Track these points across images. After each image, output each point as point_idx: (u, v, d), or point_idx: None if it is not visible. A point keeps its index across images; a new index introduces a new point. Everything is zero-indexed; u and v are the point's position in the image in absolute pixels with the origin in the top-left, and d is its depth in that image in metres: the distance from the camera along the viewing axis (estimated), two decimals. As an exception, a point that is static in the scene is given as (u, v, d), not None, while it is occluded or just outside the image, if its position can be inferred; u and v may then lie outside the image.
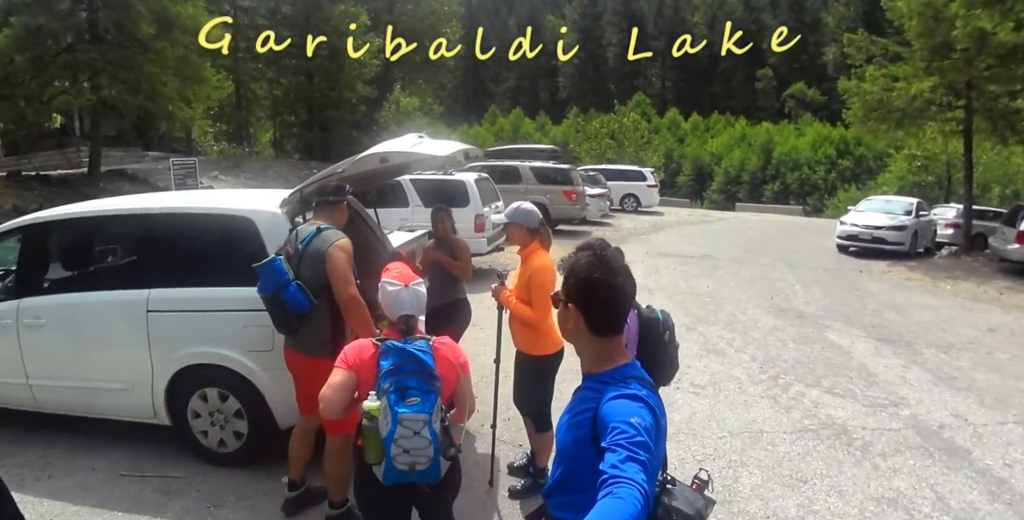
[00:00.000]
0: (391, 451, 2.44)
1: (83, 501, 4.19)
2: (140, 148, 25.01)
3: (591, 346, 1.88)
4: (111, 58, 14.64)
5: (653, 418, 1.68)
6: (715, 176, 49.80)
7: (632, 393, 1.72)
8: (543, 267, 3.98)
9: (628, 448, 1.52)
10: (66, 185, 15.47)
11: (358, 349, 2.63)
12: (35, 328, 4.73)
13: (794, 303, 10.32)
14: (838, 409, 5.89)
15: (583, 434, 1.76)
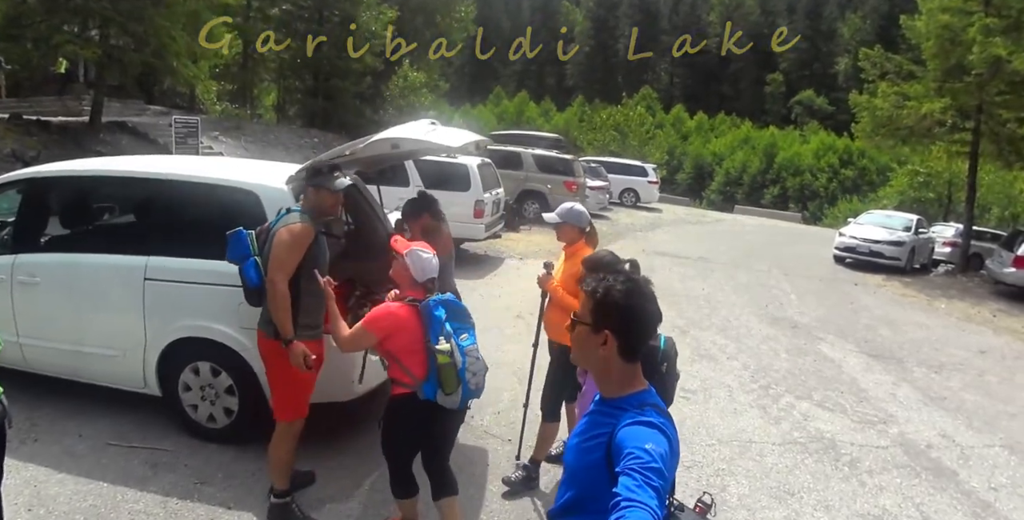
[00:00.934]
0: (466, 378, 3.17)
1: (68, 469, 4.13)
2: (143, 101, 24.58)
3: (617, 371, 1.88)
4: (121, 8, 14.33)
5: (668, 445, 1.69)
6: (715, 176, 49.80)
7: (649, 420, 1.74)
8: None
9: (642, 473, 1.54)
10: (66, 133, 15.20)
11: (397, 316, 3.23)
12: (29, 286, 4.64)
13: (788, 312, 10.32)
14: (827, 423, 5.91)
15: (597, 458, 1.77)
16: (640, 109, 40.65)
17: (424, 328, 3.20)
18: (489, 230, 11.91)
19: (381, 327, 3.19)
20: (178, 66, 15.81)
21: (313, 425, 4.56)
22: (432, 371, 3.16)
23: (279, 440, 3.71)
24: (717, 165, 50.65)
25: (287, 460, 3.74)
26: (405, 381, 3.23)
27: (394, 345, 3.22)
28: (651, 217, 23.03)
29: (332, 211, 3.86)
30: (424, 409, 3.24)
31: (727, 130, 59.39)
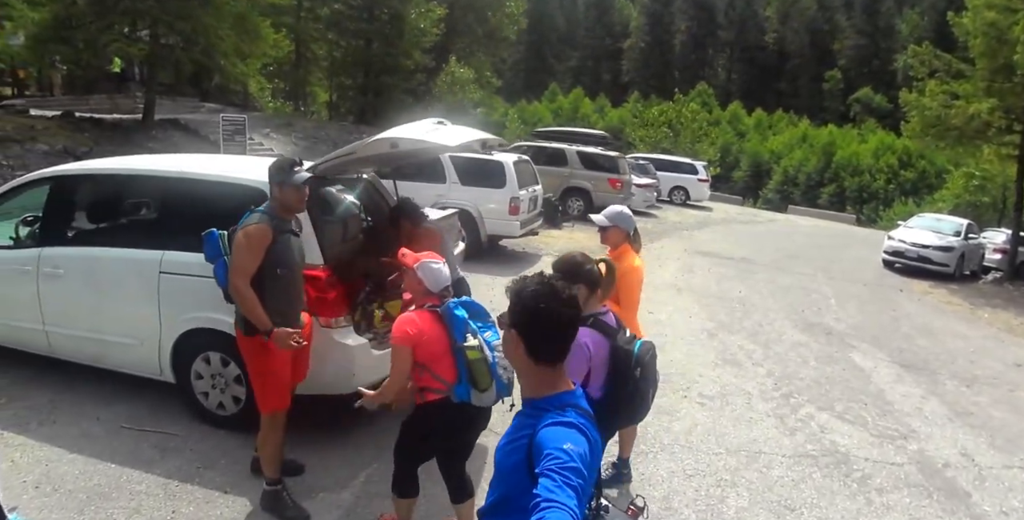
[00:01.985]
0: (497, 372, 3.17)
1: (81, 450, 4.34)
2: (197, 98, 25.34)
3: (530, 372, 1.90)
4: (170, 8, 14.79)
5: (588, 445, 1.72)
6: (773, 175, 48.67)
7: (568, 421, 1.75)
8: (634, 269, 4.23)
9: (561, 473, 1.57)
10: (118, 130, 15.76)
11: (417, 322, 3.21)
12: (54, 277, 4.88)
13: (825, 318, 10.06)
14: (845, 436, 5.75)
15: (519, 459, 1.79)
16: (693, 105, 39.96)
17: (448, 330, 3.22)
18: (525, 227, 11.91)
19: (410, 337, 3.16)
20: (226, 64, 16.21)
21: (311, 418, 4.71)
22: (463, 371, 3.17)
23: (265, 431, 3.83)
24: (775, 163, 49.45)
25: (275, 450, 3.85)
26: (436, 387, 3.24)
27: (422, 354, 3.19)
28: (700, 216, 22.67)
29: (298, 206, 3.83)
30: (457, 413, 3.26)
31: (785, 128, 57.90)
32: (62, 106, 17.99)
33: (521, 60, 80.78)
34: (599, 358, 3.13)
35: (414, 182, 10.67)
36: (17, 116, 14.51)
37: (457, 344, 3.17)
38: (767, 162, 50.69)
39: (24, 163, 11.98)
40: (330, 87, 33.07)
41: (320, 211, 4.93)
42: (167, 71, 17.06)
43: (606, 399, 3.14)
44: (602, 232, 4.36)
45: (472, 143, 4.61)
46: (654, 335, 7.50)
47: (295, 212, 3.88)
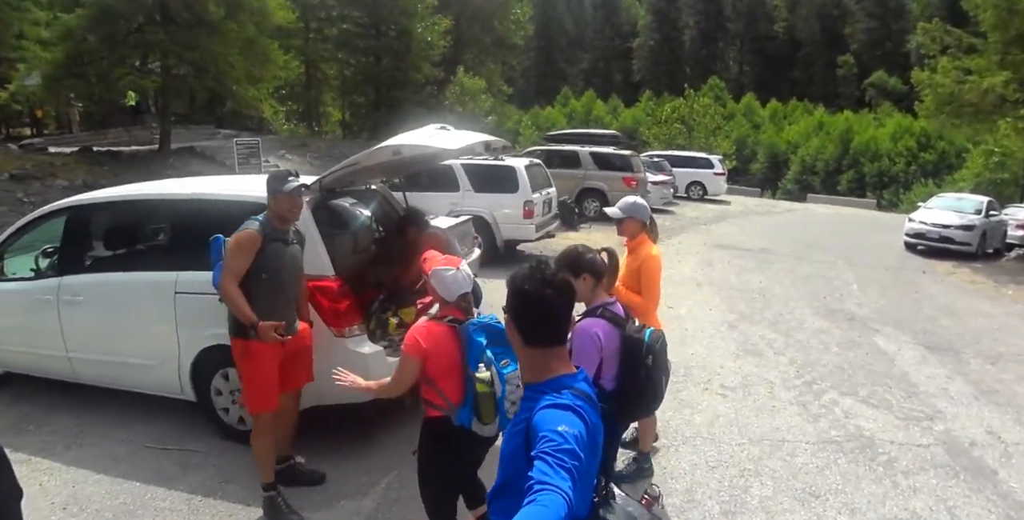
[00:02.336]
0: (504, 407, 2.94)
1: (107, 470, 4.44)
2: (212, 125, 25.79)
3: (527, 356, 1.93)
4: (179, 39, 15.11)
5: (584, 426, 1.73)
6: (791, 165, 48.18)
7: (563, 403, 1.76)
8: (652, 257, 4.29)
9: (554, 455, 1.58)
10: (135, 161, 16.08)
11: (432, 335, 3.03)
12: (74, 304, 5.01)
13: (846, 304, 9.94)
14: (869, 421, 5.67)
15: (518, 443, 1.81)
16: (706, 100, 39.71)
17: (463, 351, 3.04)
18: (541, 230, 11.95)
19: (421, 349, 2.99)
20: (238, 90, 16.49)
21: (330, 425, 4.77)
22: (469, 397, 3.00)
23: (255, 433, 3.94)
24: (792, 154, 48.95)
25: (266, 453, 3.94)
26: (439, 404, 3.08)
27: (431, 368, 3.03)
28: (717, 210, 22.54)
29: (290, 215, 3.92)
30: (458, 434, 3.09)
31: (800, 117, 57.28)
32: (80, 142, 18.43)
33: (531, 66, 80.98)
34: (610, 348, 3.15)
35: (428, 192, 10.80)
36: (37, 154, 14.87)
37: (468, 371, 3.00)
38: (784, 153, 50.19)
39: (45, 199, 12.25)
40: (342, 106, 33.45)
41: (330, 223, 5.00)
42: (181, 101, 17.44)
43: (619, 389, 3.17)
44: (618, 224, 4.41)
45: (475, 145, 4.65)
46: (674, 329, 7.53)
47: (288, 220, 3.95)
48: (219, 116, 27.31)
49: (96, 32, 15.22)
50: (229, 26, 15.71)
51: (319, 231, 4.53)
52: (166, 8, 15.40)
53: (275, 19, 17.49)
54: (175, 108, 18.35)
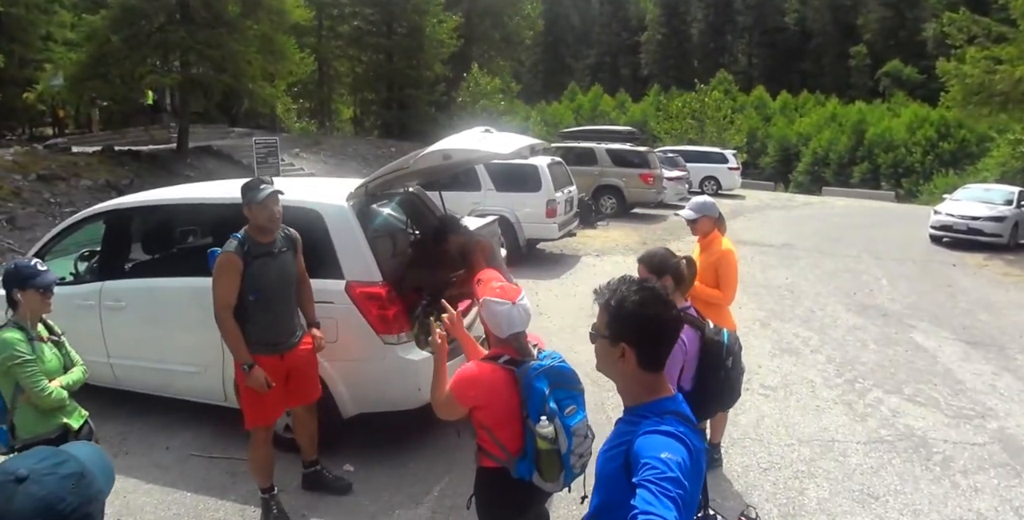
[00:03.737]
0: (570, 462, 2.55)
1: (155, 480, 4.41)
2: (226, 124, 25.82)
3: (637, 382, 1.85)
4: (199, 38, 15.21)
5: (687, 453, 1.67)
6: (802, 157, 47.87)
7: (666, 429, 1.71)
8: (729, 251, 4.47)
9: (658, 484, 1.52)
10: (156, 161, 16.14)
11: (487, 384, 2.57)
12: (116, 310, 4.96)
13: (878, 299, 9.82)
14: (918, 419, 5.58)
15: (617, 466, 1.76)
16: (716, 93, 39.48)
17: (522, 399, 2.57)
18: (563, 229, 11.88)
19: (470, 396, 2.59)
20: (255, 88, 16.53)
21: (381, 434, 4.72)
22: (529, 448, 2.58)
23: (251, 445, 3.93)
24: (803, 146, 48.61)
25: (262, 462, 3.95)
26: (496, 454, 2.65)
27: (485, 415, 2.62)
28: (733, 204, 22.35)
29: (268, 225, 3.75)
30: (518, 486, 2.66)
31: (812, 108, 56.87)
32: (101, 141, 18.52)
33: (539, 61, 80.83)
34: (692, 351, 3.19)
35: (450, 191, 10.68)
36: (60, 154, 14.93)
37: (529, 424, 2.54)
38: (794, 145, 49.87)
39: (70, 199, 12.30)
40: (354, 103, 33.48)
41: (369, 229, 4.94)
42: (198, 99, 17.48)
43: (697, 389, 3.22)
44: (692, 224, 4.56)
45: (523, 149, 4.58)
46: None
47: (268, 231, 3.77)
48: (233, 114, 27.37)
49: (119, 32, 15.31)
50: (247, 24, 15.76)
51: (363, 235, 4.47)
52: (186, 7, 15.46)
53: (292, 17, 17.53)
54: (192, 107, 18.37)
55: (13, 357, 3.03)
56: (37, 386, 3.07)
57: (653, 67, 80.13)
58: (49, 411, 3.18)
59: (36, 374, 3.08)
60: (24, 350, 3.07)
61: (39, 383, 3.08)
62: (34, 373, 3.07)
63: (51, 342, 3.32)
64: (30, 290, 3.16)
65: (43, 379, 3.11)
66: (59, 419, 3.20)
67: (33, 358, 3.10)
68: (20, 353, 3.05)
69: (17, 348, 3.05)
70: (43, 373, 3.13)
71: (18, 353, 3.05)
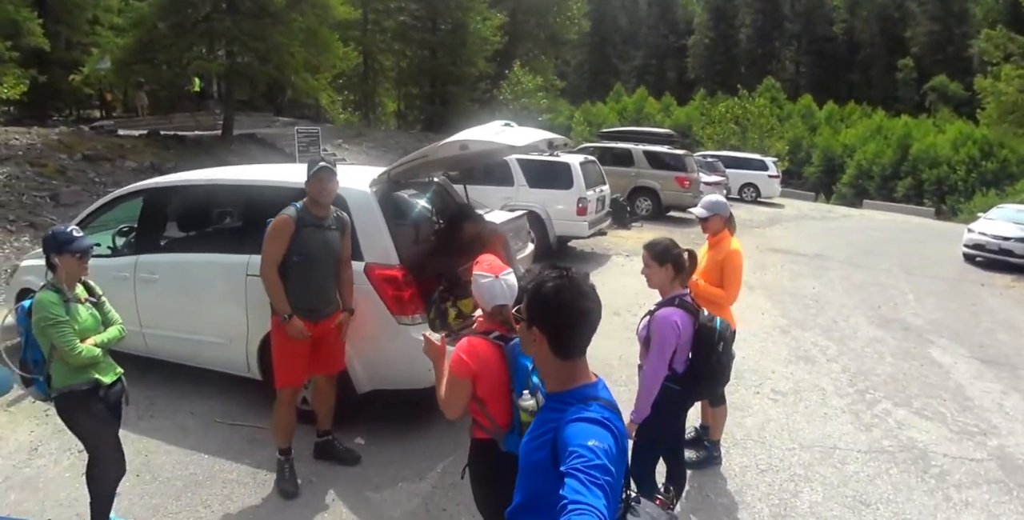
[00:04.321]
0: None
1: (177, 442, 4.69)
2: (271, 113, 26.35)
3: (554, 368, 1.86)
4: (244, 28, 15.61)
5: (613, 439, 1.68)
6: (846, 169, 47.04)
7: (592, 416, 1.71)
8: (735, 252, 4.54)
9: (586, 473, 1.53)
10: (200, 146, 16.58)
11: (480, 354, 2.65)
12: (149, 282, 5.25)
13: (902, 314, 9.76)
14: (922, 432, 5.62)
15: (543, 456, 1.75)
16: (762, 100, 39.05)
17: (509, 373, 2.69)
18: (593, 227, 11.91)
19: (470, 369, 2.64)
20: (297, 79, 16.87)
21: (393, 411, 4.92)
22: (516, 424, 2.68)
23: (277, 405, 4.19)
24: (848, 157, 47.76)
25: (284, 423, 4.20)
26: (486, 426, 2.76)
27: (479, 387, 2.70)
28: (771, 213, 22.19)
29: (320, 197, 4.09)
30: (509, 459, 2.69)
31: (858, 120, 55.79)
32: (147, 126, 19.06)
33: (584, 61, 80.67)
34: (685, 335, 3.38)
35: (483, 185, 10.89)
36: (107, 136, 15.41)
37: (513, 397, 2.66)
38: (840, 156, 49.00)
39: (115, 180, 12.73)
40: (397, 97, 33.85)
41: (394, 214, 5.14)
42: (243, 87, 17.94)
43: (689, 371, 3.44)
44: (703, 222, 4.67)
45: (539, 143, 4.73)
46: (724, 332, 7.49)
47: (320, 204, 4.11)
48: (278, 104, 27.93)
49: (166, 20, 15.81)
50: (291, 17, 16.12)
51: (384, 220, 4.66)
52: (232, -2, 15.88)
53: (336, 13, 17.85)
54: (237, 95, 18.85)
55: (47, 318, 3.23)
56: (68, 346, 3.25)
57: (700, 71, 79.36)
58: (79, 367, 3.36)
59: (67, 334, 3.25)
60: (57, 312, 3.25)
61: (70, 343, 3.25)
62: (65, 334, 3.25)
63: (89, 303, 3.49)
64: (66, 255, 3.32)
65: (74, 339, 3.27)
66: (91, 374, 3.39)
67: (66, 320, 3.27)
68: (53, 315, 3.23)
69: (51, 310, 3.24)
70: (77, 333, 3.31)
71: (51, 315, 3.23)
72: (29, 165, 11.82)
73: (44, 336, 3.28)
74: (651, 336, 3.39)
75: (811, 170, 49.24)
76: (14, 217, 10.32)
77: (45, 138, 13.17)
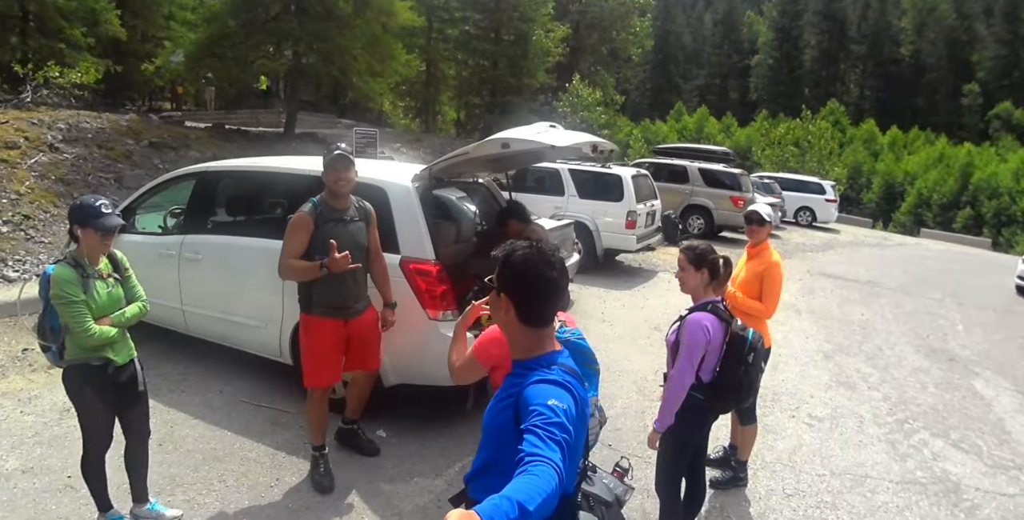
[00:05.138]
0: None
1: (202, 417, 4.82)
2: (335, 115, 26.91)
3: (521, 335, 1.91)
4: (310, 30, 16.03)
5: (573, 401, 1.73)
6: (906, 197, 45.71)
7: (553, 378, 1.77)
8: (777, 264, 4.41)
9: (545, 429, 1.57)
10: (262, 141, 17.03)
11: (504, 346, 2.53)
12: (193, 262, 5.41)
13: (949, 344, 9.43)
14: (957, 465, 5.40)
15: (506, 418, 1.80)
16: (824, 123, 38.21)
17: None
18: (642, 242, 11.80)
19: (493, 354, 2.61)
20: (358, 82, 17.19)
21: (416, 407, 4.95)
22: None
23: (308, 403, 4.14)
24: (908, 185, 46.43)
25: (317, 420, 4.14)
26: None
27: (495, 376, 2.66)
28: (826, 238, 21.69)
29: (337, 187, 3.92)
30: None
31: (921, 147, 54.25)
32: (213, 119, 19.67)
33: (647, 79, 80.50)
34: (716, 342, 3.28)
35: (534, 194, 10.96)
36: (174, 126, 15.94)
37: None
38: (900, 183, 47.69)
39: (177, 167, 13.12)
40: (458, 105, 34.19)
41: (436, 212, 5.19)
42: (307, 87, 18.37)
43: (717, 381, 3.33)
44: (759, 227, 4.51)
45: (582, 145, 4.71)
46: (765, 354, 7.33)
47: (338, 194, 3.95)
48: (342, 106, 28.48)
49: (237, 18, 16.29)
50: (356, 21, 16.47)
51: (423, 215, 4.70)
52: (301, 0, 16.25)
53: (401, 20, 18.17)
54: (302, 95, 19.32)
55: (59, 296, 3.06)
56: (80, 327, 3.09)
57: (763, 92, 78.39)
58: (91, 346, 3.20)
59: (80, 314, 3.08)
60: (71, 291, 3.07)
61: (82, 324, 3.09)
62: (77, 314, 3.08)
63: (113, 278, 3.30)
64: (89, 229, 3.11)
65: (87, 320, 3.10)
66: (103, 351, 3.24)
67: (80, 299, 3.09)
68: (66, 293, 3.05)
69: (65, 289, 3.06)
70: (93, 311, 3.15)
71: (64, 293, 3.05)
72: (97, 147, 12.25)
73: (60, 313, 3.13)
74: (679, 340, 3.31)
75: (870, 196, 48.04)
76: (78, 195, 10.71)
77: (115, 123, 13.65)
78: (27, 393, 5.12)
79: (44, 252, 8.86)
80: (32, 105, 14.02)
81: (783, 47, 78.02)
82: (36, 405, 4.91)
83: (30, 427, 4.58)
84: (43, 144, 11.49)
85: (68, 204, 10.38)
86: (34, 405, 4.92)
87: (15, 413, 4.79)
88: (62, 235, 9.43)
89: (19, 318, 6.79)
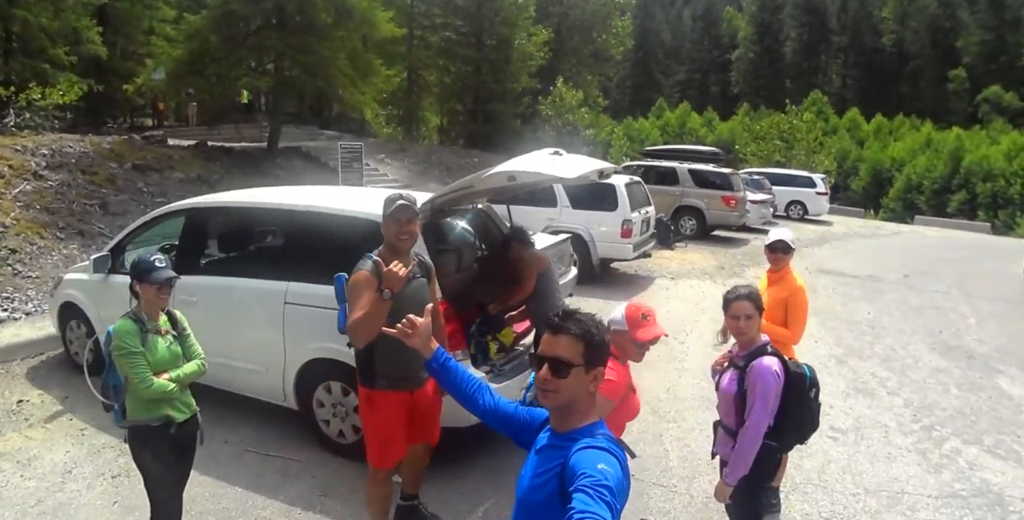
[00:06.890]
0: None
1: (209, 472, 4.55)
2: (317, 126, 26.68)
3: (588, 404, 1.91)
4: (292, 43, 15.94)
5: (620, 470, 1.73)
6: (895, 183, 45.84)
7: (600, 445, 1.77)
8: (802, 289, 4.38)
9: (595, 489, 1.56)
10: (246, 158, 16.83)
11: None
12: (188, 304, 5.13)
13: (965, 340, 9.25)
14: (997, 474, 5.21)
15: (552, 490, 1.78)
16: (808, 115, 38.16)
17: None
18: (638, 249, 11.62)
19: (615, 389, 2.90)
20: (344, 93, 17.03)
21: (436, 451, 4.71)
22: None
23: (371, 485, 3.76)
24: (896, 171, 46.56)
25: (381, 505, 3.77)
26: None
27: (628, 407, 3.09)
28: (819, 231, 21.57)
29: (399, 242, 3.45)
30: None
31: (907, 133, 54.47)
32: (196, 136, 19.45)
33: (627, 77, 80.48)
34: (775, 386, 3.18)
35: (526, 206, 10.72)
36: (157, 146, 15.73)
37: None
38: (887, 170, 47.83)
39: (163, 190, 12.92)
40: (440, 112, 34.04)
41: (436, 242, 4.99)
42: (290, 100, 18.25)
43: (783, 422, 3.23)
44: (783, 255, 4.42)
45: (590, 173, 4.53)
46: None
47: (399, 250, 3.46)
48: (324, 117, 28.27)
49: (218, 33, 16.11)
50: (338, 33, 16.30)
51: (427, 251, 4.49)
52: (282, 13, 16.10)
53: (382, 31, 18.03)
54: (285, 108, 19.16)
55: (120, 348, 3.14)
56: (138, 378, 3.14)
57: (744, 86, 78.62)
58: (150, 401, 3.24)
59: (139, 366, 3.15)
60: (131, 343, 3.15)
61: (141, 375, 3.14)
62: (136, 365, 3.14)
63: (171, 335, 3.40)
64: (145, 284, 3.24)
65: (146, 371, 3.16)
66: (163, 409, 3.27)
67: (140, 351, 3.17)
68: (126, 345, 3.14)
69: (125, 340, 3.14)
70: (151, 365, 3.20)
71: (124, 345, 3.14)
72: (81, 173, 12.04)
73: (119, 365, 3.22)
74: (750, 389, 3.15)
75: (858, 183, 48.14)
76: (63, 224, 10.47)
77: (98, 146, 13.43)
78: (25, 453, 4.88)
79: (32, 288, 8.58)
80: (15, 129, 13.86)
81: (763, 41, 78.26)
82: (36, 468, 4.67)
83: (32, 494, 4.34)
84: (27, 172, 11.27)
85: (54, 235, 10.18)
86: (34, 468, 4.68)
87: (15, 477, 4.54)
88: (50, 269, 9.15)
89: (11, 365, 6.53)
